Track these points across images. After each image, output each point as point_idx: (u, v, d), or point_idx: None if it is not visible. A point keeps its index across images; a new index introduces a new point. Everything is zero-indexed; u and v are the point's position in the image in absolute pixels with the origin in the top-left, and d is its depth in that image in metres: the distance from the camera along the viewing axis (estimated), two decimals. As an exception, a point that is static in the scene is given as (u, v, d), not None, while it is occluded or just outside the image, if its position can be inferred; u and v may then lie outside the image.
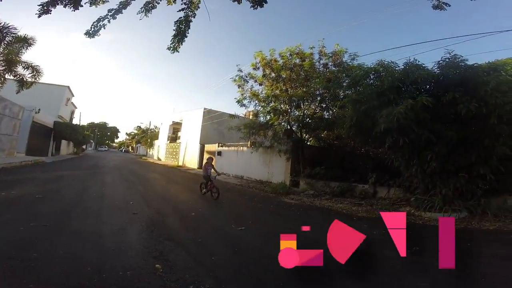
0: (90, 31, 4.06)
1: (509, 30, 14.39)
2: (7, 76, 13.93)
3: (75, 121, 37.46)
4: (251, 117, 13.89)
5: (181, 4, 4.17)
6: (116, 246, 3.74)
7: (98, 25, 4.04)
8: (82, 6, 3.83)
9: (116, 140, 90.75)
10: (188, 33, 6.14)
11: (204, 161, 9.47)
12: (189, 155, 24.71)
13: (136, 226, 4.82)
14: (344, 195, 9.95)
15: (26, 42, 13.53)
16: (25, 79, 14.13)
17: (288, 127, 12.70)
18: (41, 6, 3.65)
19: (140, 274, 2.91)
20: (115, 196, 7.74)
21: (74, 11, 3.78)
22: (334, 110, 11.90)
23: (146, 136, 48.71)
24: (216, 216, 6.53)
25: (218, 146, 19.45)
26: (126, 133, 77.10)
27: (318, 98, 11.93)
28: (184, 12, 4.19)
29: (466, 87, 6.10)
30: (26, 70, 14.08)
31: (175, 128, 32.49)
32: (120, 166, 19.29)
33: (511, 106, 5.51)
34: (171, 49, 4.35)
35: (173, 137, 32.16)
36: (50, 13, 3.72)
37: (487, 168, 6.27)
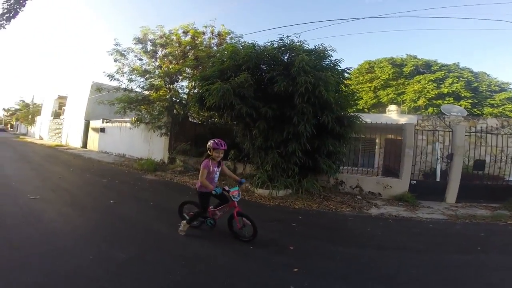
0: None
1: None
2: None
3: None
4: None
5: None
6: None
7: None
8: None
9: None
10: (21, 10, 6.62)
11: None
12: (73, 133, 21.48)
13: None
14: (211, 171, 10.18)
15: None
16: None
17: (172, 103, 12.32)
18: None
19: None
20: None
21: None
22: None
23: (27, 112, 39.85)
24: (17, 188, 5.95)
25: (103, 122, 17.42)
26: (4, 108, 61.77)
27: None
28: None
29: (286, 67, 6.41)
30: None
31: (61, 103, 27.66)
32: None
33: (307, 85, 5.64)
34: None
35: (59, 113, 27.41)
36: None
37: (297, 145, 6.35)
